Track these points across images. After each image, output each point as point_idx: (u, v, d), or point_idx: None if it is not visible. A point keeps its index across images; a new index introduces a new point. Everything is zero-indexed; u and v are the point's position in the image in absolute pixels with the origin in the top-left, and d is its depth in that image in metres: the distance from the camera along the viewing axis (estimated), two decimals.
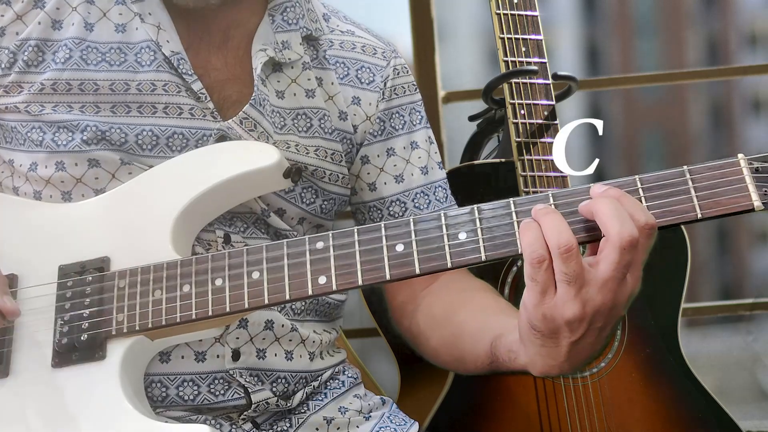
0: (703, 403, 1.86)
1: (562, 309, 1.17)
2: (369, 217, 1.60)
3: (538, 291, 1.18)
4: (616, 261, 1.16)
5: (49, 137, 1.43)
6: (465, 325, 1.46)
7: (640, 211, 1.18)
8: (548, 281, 1.17)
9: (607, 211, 1.17)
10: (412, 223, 1.26)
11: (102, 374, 1.31)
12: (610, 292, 1.17)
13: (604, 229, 1.17)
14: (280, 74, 1.53)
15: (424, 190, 1.60)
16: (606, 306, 1.18)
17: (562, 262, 1.16)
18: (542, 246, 1.17)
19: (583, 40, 3.39)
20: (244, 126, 1.46)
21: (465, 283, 1.57)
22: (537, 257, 1.17)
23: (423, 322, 1.54)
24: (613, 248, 1.16)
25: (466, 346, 1.44)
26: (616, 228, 1.15)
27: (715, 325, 2.96)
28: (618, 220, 1.16)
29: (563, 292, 1.17)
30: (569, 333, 1.19)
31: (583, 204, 1.20)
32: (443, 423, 1.80)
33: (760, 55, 3.63)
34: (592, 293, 1.17)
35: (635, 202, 1.19)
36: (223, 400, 1.43)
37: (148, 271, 1.33)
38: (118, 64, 1.45)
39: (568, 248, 1.16)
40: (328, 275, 1.27)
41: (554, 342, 1.21)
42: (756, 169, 1.21)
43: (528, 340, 1.23)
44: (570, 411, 1.79)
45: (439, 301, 1.54)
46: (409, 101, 1.63)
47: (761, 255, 3.15)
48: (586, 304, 1.17)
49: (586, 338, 1.20)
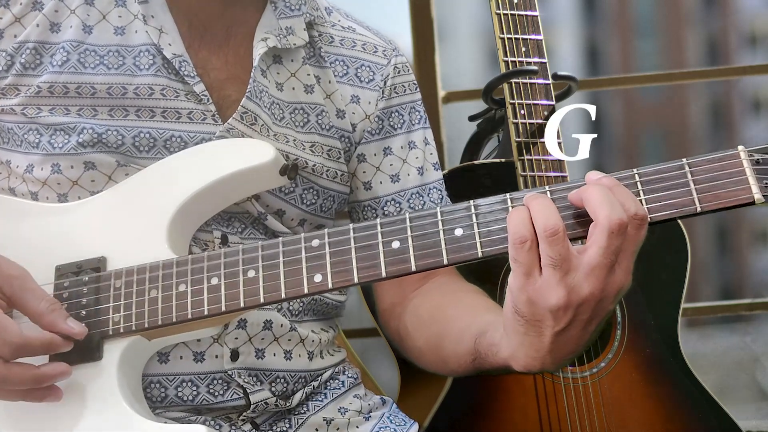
0: (703, 403, 1.85)
1: (547, 293, 1.16)
2: (363, 217, 1.60)
3: (522, 272, 1.17)
4: (604, 246, 1.14)
5: (45, 139, 1.42)
6: (450, 325, 1.46)
7: (632, 201, 1.17)
8: (532, 263, 1.16)
9: (597, 197, 1.16)
10: (408, 219, 1.25)
11: (99, 375, 1.31)
12: (598, 280, 1.16)
13: (593, 214, 1.16)
14: (280, 66, 1.53)
15: (419, 190, 1.60)
16: (594, 296, 1.16)
17: (548, 245, 1.15)
18: (526, 227, 1.16)
19: (583, 40, 3.39)
20: (245, 120, 1.45)
21: (455, 285, 1.57)
22: (519, 237, 1.16)
23: (410, 322, 1.54)
24: (602, 232, 1.14)
25: (450, 345, 1.44)
26: (605, 212, 1.14)
27: (714, 325, 2.96)
28: (608, 204, 1.15)
29: (548, 276, 1.15)
30: (553, 321, 1.18)
31: (573, 192, 1.19)
32: (443, 423, 1.80)
33: (760, 55, 3.63)
34: (578, 279, 1.16)
35: (628, 192, 1.18)
36: (222, 400, 1.43)
37: (144, 270, 1.33)
38: (116, 68, 1.45)
39: (554, 231, 1.14)
40: (323, 273, 1.27)
41: (537, 331, 1.19)
42: (756, 161, 1.19)
43: (511, 329, 1.22)
44: (570, 411, 1.79)
45: (427, 302, 1.54)
46: (410, 100, 1.63)
47: (761, 255, 3.14)
48: (571, 290, 1.16)
49: (570, 330, 1.19)
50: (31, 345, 1.27)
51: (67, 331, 1.29)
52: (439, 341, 1.47)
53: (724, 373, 2.91)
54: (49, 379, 1.28)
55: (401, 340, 1.57)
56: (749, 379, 2.98)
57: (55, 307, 1.29)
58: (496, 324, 1.31)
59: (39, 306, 1.29)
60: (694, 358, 1.89)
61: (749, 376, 2.98)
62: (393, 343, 1.61)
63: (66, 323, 1.29)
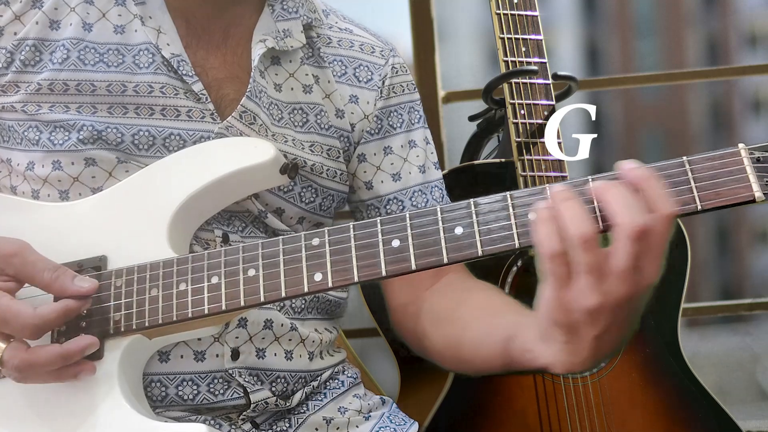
0: (703, 403, 1.85)
1: (583, 300, 1.14)
2: (367, 216, 1.60)
3: (556, 283, 1.15)
4: (628, 251, 1.12)
5: (45, 136, 1.42)
6: (470, 325, 1.44)
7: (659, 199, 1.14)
8: (566, 273, 1.14)
9: (613, 201, 1.14)
10: (408, 218, 1.25)
11: (100, 374, 1.30)
12: (629, 281, 1.14)
13: (612, 220, 1.14)
14: (278, 67, 1.53)
15: (421, 188, 1.60)
16: (626, 296, 1.14)
17: (583, 253, 1.12)
18: (557, 239, 1.13)
19: (583, 40, 3.38)
20: (244, 120, 1.46)
21: (469, 282, 1.56)
22: (551, 251, 1.13)
23: (427, 323, 1.52)
24: (625, 238, 1.12)
25: (472, 346, 1.42)
26: (625, 218, 1.12)
27: (714, 325, 2.96)
28: (627, 209, 1.13)
29: (582, 283, 1.13)
30: (591, 326, 1.16)
31: (594, 188, 1.16)
32: (443, 423, 1.80)
33: (760, 55, 3.63)
34: (612, 283, 1.14)
35: (657, 189, 1.15)
36: (223, 399, 1.43)
37: (144, 269, 1.33)
38: (116, 66, 1.45)
39: (588, 238, 1.12)
40: (323, 272, 1.26)
41: (577, 337, 1.17)
42: (757, 159, 1.18)
43: (550, 338, 1.20)
44: (570, 411, 1.79)
45: (444, 301, 1.52)
46: (408, 100, 1.63)
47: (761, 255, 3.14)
48: (606, 294, 1.14)
49: (608, 331, 1.17)
50: (49, 319, 1.27)
51: (78, 292, 1.29)
52: (459, 341, 1.45)
53: (724, 373, 2.91)
54: (76, 354, 1.28)
55: (419, 340, 1.55)
56: (749, 379, 2.98)
57: (59, 273, 1.29)
58: (523, 325, 1.29)
59: (43, 277, 1.29)
60: (694, 358, 1.89)
61: (749, 376, 2.98)
62: (410, 344, 1.59)
63: (74, 284, 1.29)
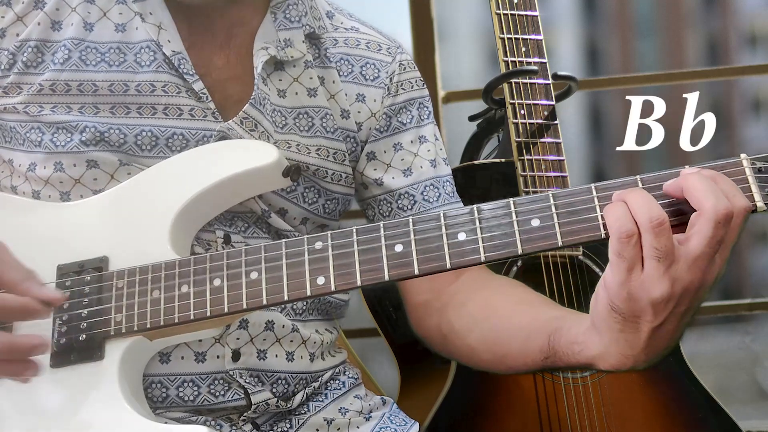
0: (703, 403, 1.85)
1: (650, 287, 1.14)
2: (379, 211, 1.59)
3: (625, 268, 1.14)
4: (709, 236, 1.12)
5: (47, 138, 1.42)
6: (511, 320, 1.43)
7: (736, 191, 1.15)
8: (636, 257, 1.14)
9: (701, 186, 1.14)
10: (411, 222, 1.25)
11: (100, 375, 1.30)
12: (700, 271, 1.14)
13: (697, 204, 1.13)
14: (282, 73, 1.52)
15: (433, 182, 1.59)
16: (694, 286, 1.14)
17: (654, 237, 1.12)
18: (630, 220, 1.13)
19: (583, 40, 3.38)
20: (245, 126, 1.46)
21: (495, 278, 1.55)
22: (626, 231, 1.13)
23: (457, 320, 1.50)
24: (708, 222, 1.12)
25: (512, 342, 1.40)
26: (711, 201, 1.12)
27: (714, 325, 2.96)
28: (713, 194, 1.13)
29: (652, 269, 1.13)
30: (653, 316, 1.15)
31: (670, 182, 1.17)
32: (443, 423, 1.80)
33: (760, 55, 3.62)
34: (681, 271, 1.13)
35: (731, 183, 1.16)
36: (223, 400, 1.43)
37: (146, 271, 1.33)
38: (118, 65, 1.45)
39: (660, 221, 1.12)
40: (326, 276, 1.26)
41: (634, 327, 1.17)
42: (759, 169, 1.19)
43: (605, 326, 1.19)
44: (570, 411, 1.79)
45: (475, 296, 1.51)
46: (417, 96, 1.62)
47: (761, 255, 3.14)
48: (675, 282, 1.14)
49: (667, 323, 1.17)
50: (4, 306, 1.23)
51: (41, 296, 1.23)
52: (497, 338, 1.44)
53: (724, 373, 2.91)
54: (23, 349, 1.25)
55: (444, 337, 1.53)
56: (749, 379, 2.98)
57: (29, 276, 1.25)
58: (569, 320, 1.29)
59: (11, 276, 1.24)
60: (694, 358, 1.89)
61: (749, 376, 2.98)
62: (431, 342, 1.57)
63: (40, 289, 1.24)
